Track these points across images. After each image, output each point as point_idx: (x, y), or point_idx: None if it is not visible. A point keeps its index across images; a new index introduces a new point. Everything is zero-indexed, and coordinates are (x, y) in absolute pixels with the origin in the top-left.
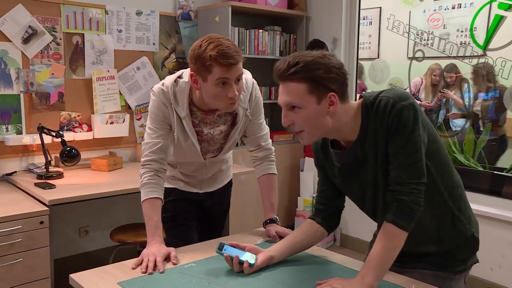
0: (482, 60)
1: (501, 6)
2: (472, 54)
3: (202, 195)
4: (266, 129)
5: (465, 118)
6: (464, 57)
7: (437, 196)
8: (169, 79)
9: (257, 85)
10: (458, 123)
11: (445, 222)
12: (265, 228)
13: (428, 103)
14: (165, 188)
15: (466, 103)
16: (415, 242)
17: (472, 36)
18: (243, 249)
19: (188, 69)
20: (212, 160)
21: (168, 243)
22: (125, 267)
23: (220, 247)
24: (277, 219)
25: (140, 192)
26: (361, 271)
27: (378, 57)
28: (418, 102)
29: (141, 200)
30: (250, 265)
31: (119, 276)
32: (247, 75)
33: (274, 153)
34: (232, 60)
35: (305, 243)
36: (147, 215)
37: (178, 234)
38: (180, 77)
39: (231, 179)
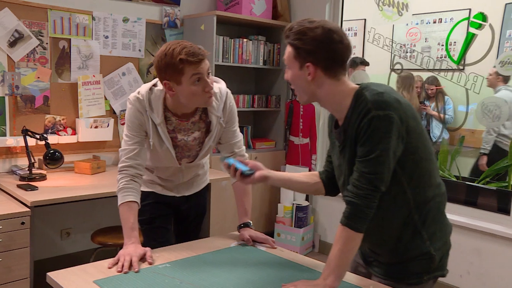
0: (456, 74)
1: (472, 24)
2: (448, 68)
3: (179, 199)
4: (240, 137)
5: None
6: (440, 70)
7: (404, 207)
8: (144, 88)
9: (231, 95)
10: (438, 134)
11: (405, 232)
12: (239, 232)
13: None
14: (143, 191)
15: (448, 116)
16: (375, 241)
17: (447, 51)
18: (246, 164)
19: None
20: (188, 165)
21: (145, 245)
22: (101, 266)
23: (224, 158)
24: (250, 223)
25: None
26: (323, 273)
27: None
28: None
29: (118, 203)
30: (244, 173)
31: (96, 275)
32: (221, 85)
33: (246, 158)
34: (201, 56)
35: (301, 186)
36: (123, 218)
37: (155, 237)
38: (155, 85)
39: (208, 184)
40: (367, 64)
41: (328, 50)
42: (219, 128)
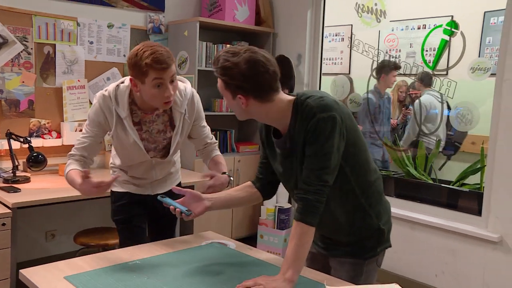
0: (433, 79)
1: (445, 31)
2: (422, 72)
3: (154, 197)
4: (208, 129)
5: None
6: (416, 75)
7: (351, 194)
8: (112, 85)
9: (197, 94)
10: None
11: (356, 216)
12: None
13: (392, 119)
14: (118, 192)
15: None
16: (329, 231)
17: (422, 57)
18: (182, 196)
19: (129, 77)
20: (160, 161)
21: (121, 244)
22: (74, 263)
23: (161, 197)
24: (227, 173)
25: (107, 196)
26: (281, 268)
27: (349, 72)
28: None
29: (65, 172)
30: (183, 213)
31: (67, 271)
32: (186, 84)
33: (217, 143)
34: (165, 65)
35: (241, 201)
36: (70, 179)
37: (130, 236)
38: (122, 82)
39: (180, 182)
40: (399, 67)
41: (254, 82)
42: (184, 123)
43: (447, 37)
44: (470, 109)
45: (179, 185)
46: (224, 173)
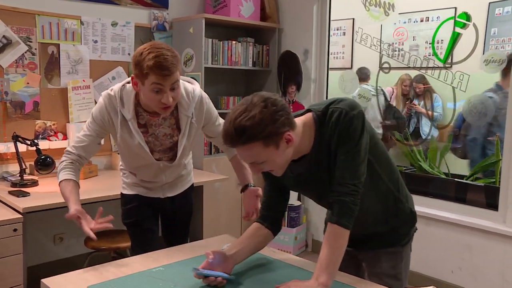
0: (443, 72)
1: (457, 24)
2: (434, 66)
3: (164, 200)
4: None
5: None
6: (427, 68)
7: (380, 183)
8: (118, 85)
9: (206, 95)
10: (427, 131)
11: (388, 203)
12: (244, 193)
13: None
14: (128, 194)
15: (436, 114)
16: (365, 226)
17: (433, 49)
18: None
19: None
20: (169, 165)
21: (133, 248)
22: (96, 271)
23: (194, 270)
24: (251, 184)
25: (116, 199)
26: (315, 272)
27: (351, 67)
28: None
29: (58, 181)
30: (226, 278)
31: (90, 280)
32: (195, 86)
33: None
34: (167, 71)
35: (259, 247)
36: (62, 192)
37: (142, 239)
38: (128, 82)
39: (192, 184)
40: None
41: (284, 110)
42: (191, 127)
43: (458, 30)
44: (483, 103)
45: (191, 187)
46: (249, 185)
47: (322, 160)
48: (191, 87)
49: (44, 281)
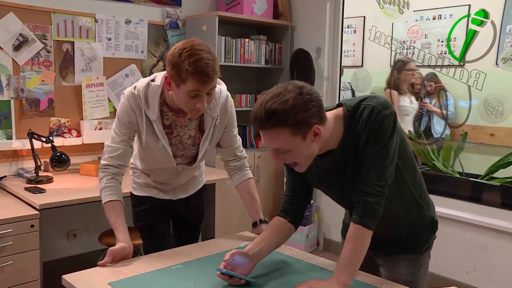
0: (458, 70)
1: (474, 21)
2: (449, 64)
3: (176, 202)
4: (239, 140)
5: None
6: (442, 66)
7: (405, 189)
8: (142, 82)
9: (231, 99)
10: (439, 130)
11: (411, 210)
12: (255, 228)
13: None
14: (139, 196)
15: (448, 112)
16: (385, 230)
17: (448, 47)
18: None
19: (161, 74)
20: (186, 167)
21: (146, 251)
22: (115, 268)
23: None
24: (267, 220)
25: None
26: (335, 271)
27: (362, 65)
28: None
29: (103, 203)
30: (251, 281)
31: (109, 277)
32: (222, 86)
33: (247, 159)
34: (207, 78)
35: (281, 242)
36: (109, 218)
37: (155, 242)
38: (153, 80)
39: (204, 185)
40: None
41: (317, 102)
42: (214, 129)
43: (474, 27)
44: (500, 101)
45: (203, 187)
46: (263, 220)
47: (348, 157)
48: (218, 87)
49: (65, 277)
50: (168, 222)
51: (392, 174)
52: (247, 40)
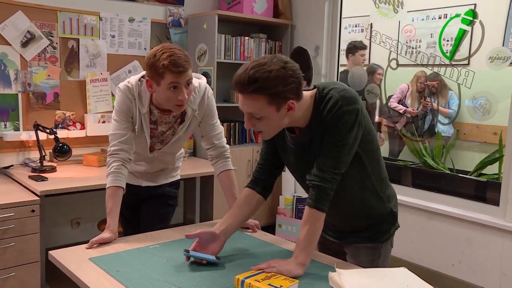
0: (449, 69)
1: (464, 21)
2: (441, 64)
3: (144, 188)
4: (219, 129)
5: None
6: (433, 65)
7: (367, 181)
8: (134, 78)
9: (210, 90)
10: (442, 128)
11: (371, 201)
12: None
13: (413, 109)
14: None
15: (451, 111)
16: (346, 219)
17: (440, 47)
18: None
19: None
20: (159, 152)
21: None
22: (98, 247)
23: (186, 252)
24: None
25: None
26: (294, 252)
27: (369, 63)
28: (404, 108)
29: (107, 186)
30: (211, 262)
31: (92, 253)
32: (201, 80)
33: (228, 151)
34: (182, 68)
35: (250, 215)
36: (106, 202)
37: (130, 228)
38: (143, 76)
39: (178, 180)
40: (365, 47)
41: (297, 79)
42: (193, 120)
43: (465, 27)
44: (489, 100)
45: (174, 183)
46: None
47: (314, 139)
48: (198, 81)
49: (52, 252)
50: (132, 208)
51: (347, 164)
52: (247, 38)
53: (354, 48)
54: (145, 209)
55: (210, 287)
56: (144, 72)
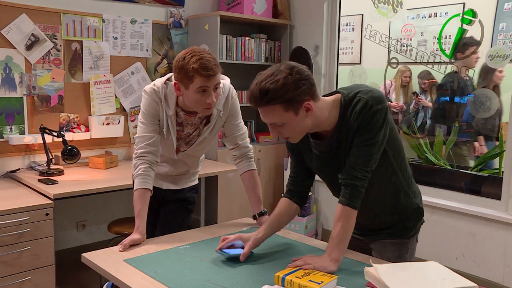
0: (449, 67)
1: (463, 20)
2: (441, 61)
3: (164, 191)
4: (244, 129)
5: None
6: (434, 63)
7: (394, 177)
8: (160, 81)
9: (234, 90)
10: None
11: (399, 197)
12: (256, 221)
13: (397, 103)
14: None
15: None
16: (373, 215)
17: (440, 45)
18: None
19: None
20: (183, 154)
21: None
22: (129, 248)
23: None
24: (266, 211)
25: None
26: (327, 249)
27: (360, 62)
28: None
29: (134, 188)
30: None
31: (125, 255)
32: (225, 81)
33: (252, 151)
34: (211, 72)
35: (285, 223)
36: (135, 204)
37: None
38: (169, 79)
39: (197, 185)
40: (478, 43)
41: (308, 80)
42: (217, 121)
43: (464, 26)
44: (489, 97)
45: (193, 187)
46: (262, 212)
47: (342, 143)
48: (222, 82)
49: (85, 255)
50: (150, 209)
51: (376, 162)
52: (247, 38)
53: (464, 46)
54: (164, 213)
55: (250, 285)
56: (169, 75)
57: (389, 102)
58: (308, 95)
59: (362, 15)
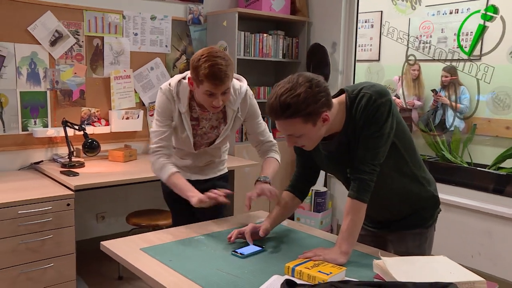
0: (468, 64)
1: (483, 16)
2: (460, 59)
3: (193, 182)
4: (264, 126)
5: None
6: (452, 60)
7: (405, 167)
8: (174, 80)
9: (251, 91)
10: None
11: (412, 187)
12: (256, 183)
13: (401, 102)
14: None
15: (463, 106)
16: (390, 208)
17: (458, 42)
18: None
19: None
20: (204, 149)
21: (174, 220)
22: (146, 237)
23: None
24: (267, 178)
25: (156, 180)
26: (337, 241)
27: (379, 59)
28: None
29: (166, 177)
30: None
31: (141, 244)
32: (242, 83)
33: (276, 145)
34: (219, 81)
35: (289, 215)
36: (178, 183)
37: (181, 213)
38: (184, 78)
39: (226, 174)
40: None
41: (325, 91)
42: (235, 121)
43: (486, 23)
44: (508, 94)
45: (222, 176)
46: (260, 179)
47: (350, 140)
48: (239, 84)
49: (104, 243)
50: (183, 201)
51: (384, 155)
52: (265, 35)
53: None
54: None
55: (261, 275)
56: (185, 73)
57: (395, 98)
58: (326, 106)
59: (382, 11)
